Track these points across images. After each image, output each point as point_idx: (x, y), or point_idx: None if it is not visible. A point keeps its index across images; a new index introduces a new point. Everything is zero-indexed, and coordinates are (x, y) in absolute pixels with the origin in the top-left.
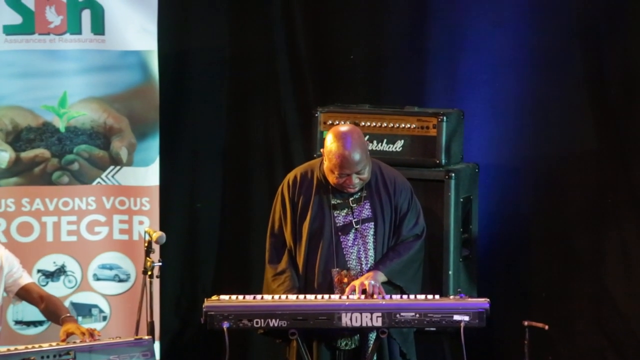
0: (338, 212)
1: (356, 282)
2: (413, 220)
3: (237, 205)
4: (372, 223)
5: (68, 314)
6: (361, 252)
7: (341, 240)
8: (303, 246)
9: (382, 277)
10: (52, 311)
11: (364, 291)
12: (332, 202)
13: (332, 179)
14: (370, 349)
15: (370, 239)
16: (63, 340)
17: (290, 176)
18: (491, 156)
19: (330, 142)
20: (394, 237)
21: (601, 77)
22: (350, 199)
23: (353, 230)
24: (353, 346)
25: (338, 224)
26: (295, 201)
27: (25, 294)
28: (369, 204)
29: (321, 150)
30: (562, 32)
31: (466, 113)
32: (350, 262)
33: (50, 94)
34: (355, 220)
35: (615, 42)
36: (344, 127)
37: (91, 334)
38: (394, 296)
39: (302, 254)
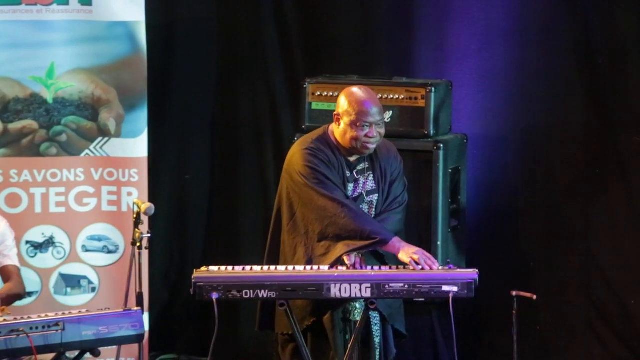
0: (350, 184)
1: None
2: (400, 189)
3: (226, 177)
4: (377, 194)
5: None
6: None
7: None
8: None
9: None
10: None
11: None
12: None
13: (351, 134)
14: (358, 322)
15: (374, 210)
16: None
17: (308, 147)
18: (480, 127)
19: (349, 95)
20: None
21: (589, 48)
22: (355, 171)
23: (363, 202)
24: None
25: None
26: (330, 169)
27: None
28: (372, 175)
29: (335, 113)
30: (550, 2)
31: (454, 84)
32: None
33: (38, 65)
34: (365, 192)
35: (603, 12)
36: (359, 86)
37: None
38: (383, 267)
39: None
